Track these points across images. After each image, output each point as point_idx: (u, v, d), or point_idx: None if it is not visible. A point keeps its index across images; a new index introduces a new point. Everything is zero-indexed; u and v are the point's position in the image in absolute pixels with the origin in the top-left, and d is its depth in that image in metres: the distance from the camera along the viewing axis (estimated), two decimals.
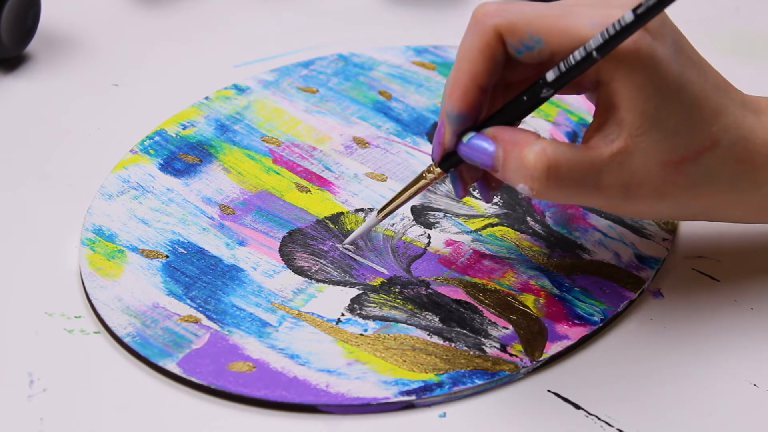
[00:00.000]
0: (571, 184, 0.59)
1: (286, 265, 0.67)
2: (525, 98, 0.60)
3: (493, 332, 0.64)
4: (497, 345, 0.63)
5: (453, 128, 0.61)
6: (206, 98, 0.78)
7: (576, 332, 0.63)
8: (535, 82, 0.59)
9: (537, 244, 0.68)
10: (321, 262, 0.67)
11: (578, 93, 0.62)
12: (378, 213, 0.66)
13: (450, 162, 0.62)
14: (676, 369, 0.62)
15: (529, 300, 0.65)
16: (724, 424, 0.60)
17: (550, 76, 0.59)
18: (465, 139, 0.61)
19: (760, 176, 0.61)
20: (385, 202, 0.68)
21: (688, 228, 0.70)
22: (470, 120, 0.60)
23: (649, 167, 0.59)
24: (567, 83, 0.59)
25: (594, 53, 0.57)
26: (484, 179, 0.64)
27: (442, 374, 0.61)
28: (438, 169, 0.63)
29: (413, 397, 0.61)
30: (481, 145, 0.60)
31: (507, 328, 0.64)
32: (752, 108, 0.61)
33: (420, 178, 0.64)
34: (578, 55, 0.57)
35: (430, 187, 0.72)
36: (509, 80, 0.62)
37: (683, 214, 0.63)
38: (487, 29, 0.59)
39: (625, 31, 0.56)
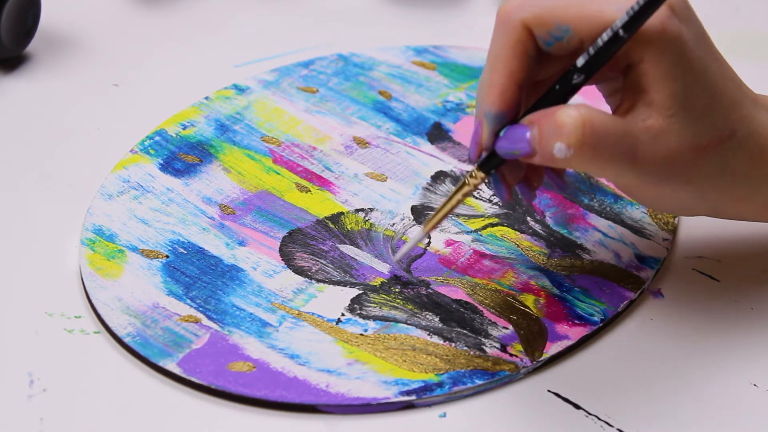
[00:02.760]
0: (608, 145, 0.58)
1: (286, 265, 0.67)
2: (557, 87, 0.59)
3: (493, 332, 0.64)
4: (497, 345, 0.63)
5: (491, 128, 0.60)
6: (206, 98, 0.78)
7: (576, 332, 0.63)
8: (566, 71, 0.59)
9: (537, 244, 0.68)
10: (321, 262, 0.67)
11: (609, 81, 0.62)
12: (424, 226, 0.63)
13: (491, 164, 0.61)
14: (676, 369, 0.62)
15: (529, 300, 0.65)
16: (724, 424, 0.60)
17: (580, 61, 0.58)
18: (501, 132, 0.60)
19: None
20: (384, 202, 0.67)
21: (688, 228, 0.70)
22: (508, 119, 0.60)
23: (680, 149, 0.59)
24: (598, 68, 0.58)
25: (621, 32, 0.57)
26: (525, 179, 0.63)
27: (442, 374, 0.61)
28: (480, 173, 0.61)
29: (413, 397, 0.61)
30: (517, 131, 0.59)
31: (507, 328, 0.64)
32: (762, 105, 0.62)
33: (463, 185, 0.62)
34: (605, 36, 0.57)
35: (429, 187, 0.72)
36: (540, 77, 0.62)
37: (697, 206, 0.62)
38: (515, 25, 0.59)
39: (649, 6, 0.57)
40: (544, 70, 0.62)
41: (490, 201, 0.71)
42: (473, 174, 0.62)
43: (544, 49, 0.60)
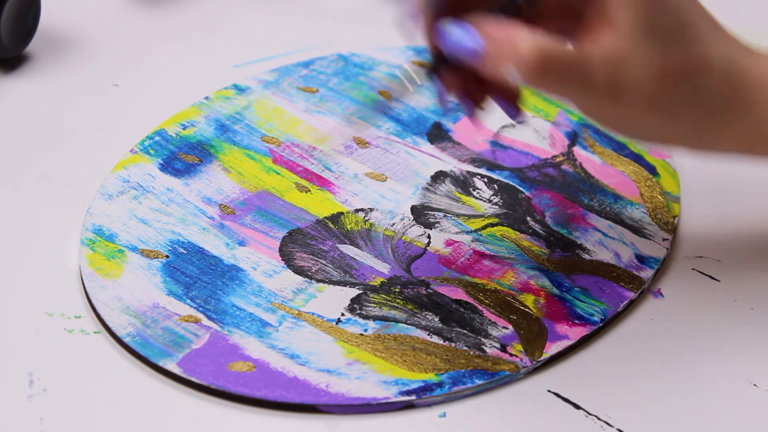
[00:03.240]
0: (562, 70, 0.59)
1: (286, 265, 0.67)
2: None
3: (493, 332, 0.64)
4: (497, 345, 0.63)
5: (429, 15, 0.61)
6: (206, 98, 0.78)
7: (576, 332, 0.63)
8: None
9: (537, 244, 0.68)
10: (321, 262, 0.67)
11: (562, 3, 0.62)
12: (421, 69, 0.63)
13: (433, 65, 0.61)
14: (676, 369, 0.62)
15: (529, 300, 0.65)
16: (724, 424, 0.60)
17: None
18: (449, 30, 0.60)
19: (753, 101, 0.61)
20: (384, 202, 0.68)
21: (688, 228, 0.70)
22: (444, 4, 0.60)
23: (642, 74, 0.59)
24: None
25: None
26: (469, 92, 0.63)
27: (442, 374, 0.61)
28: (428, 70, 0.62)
29: (413, 397, 0.61)
30: (468, 37, 0.60)
31: (507, 328, 0.64)
32: (742, 44, 0.62)
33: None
34: None
35: (429, 187, 0.72)
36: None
37: (672, 133, 0.62)
38: None
39: None
40: None
41: (490, 201, 0.71)
42: (425, 72, 0.62)
43: None
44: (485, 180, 0.72)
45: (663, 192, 0.71)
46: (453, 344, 0.63)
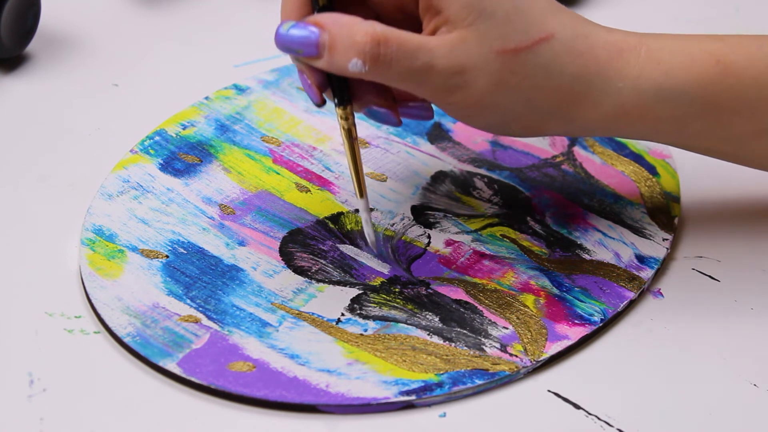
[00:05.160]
0: (403, 58, 0.60)
1: (286, 265, 0.67)
2: None
3: (493, 332, 0.64)
4: (497, 345, 0.63)
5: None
6: (206, 98, 0.78)
7: (576, 332, 0.63)
8: None
9: (537, 244, 0.68)
10: (321, 262, 0.67)
11: (401, 13, 0.64)
12: (357, 195, 0.65)
13: (342, 95, 0.63)
14: (676, 369, 0.62)
15: (529, 300, 0.65)
16: (724, 424, 0.60)
17: None
18: (284, 28, 0.61)
19: (607, 71, 0.62)
20: (384, 202, 0.68)
21: (688, 228, 0.70)
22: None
23: (483, 54, 0.61)
24: None
25: None
26: (384, 100, 0.65)
27: (442, 374, 0.61)
28: (342, 111, 0.63)
29: (413, 397, 0.61)
30: (304, 31, 0.61)
31: (507, 328, 0.64)
32: (591, 22, 0.64)
33: (346, 132, 0.64)
34: None
35: (429, 187, 0.72)
36: (383, 13, 0.64)
37: (531, 115, 0.63)
38: None
39: None
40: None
41: (490, 201, 0.71)
42: (340, 115, 0.63)
43: None
44: (485, 180, 0.72)
45: (663, 192, 0.71)
46: (453, 344, 0.63)
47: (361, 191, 0.65)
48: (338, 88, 0.63)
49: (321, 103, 0.63)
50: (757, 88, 0.63)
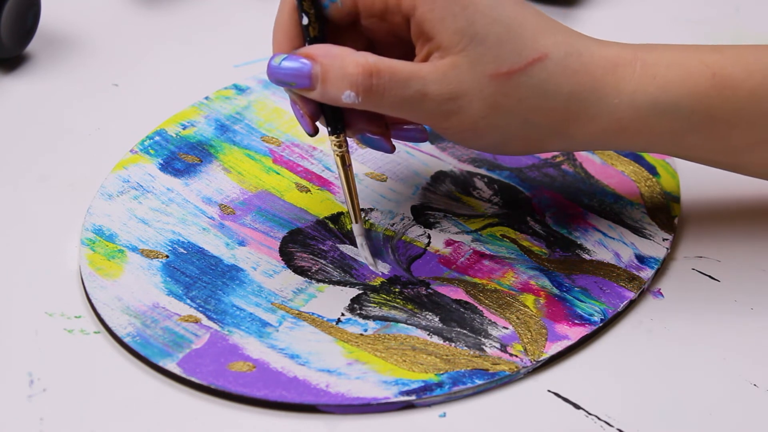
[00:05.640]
0: (395, 87, 0.60)
1: (286, 265, 0.67)
2: (306, 14, 0.62)
3: (493, 332, 0.64)
4: (497, 345, 0.63)
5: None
6: (206, 98, 0.78)
7: (576, 332, 0.63)
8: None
9: (537, 244, 0.68)
10: (321, 262, 0.67)
11: (394, 37, 0.63)
12: (354, 221, 0.66)
13: (335, 123, 0.64)
14: (676, 369, 0.62)
15: (529, 300, 0.65)
16: (724, 424, 0.60)
17: None
18: (276, 61, 0.62)
19: (603, 88, 0.62)
20: (384, 202, 0.68)
21: (688, 228, 0.70)
22: None
23: (477, 79, 0.61)
24: None
25: None
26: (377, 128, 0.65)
27: (442, 374, 0.61)
28: (335, 138, 0.64)
29: (413, 397, 0.61)
30: (295, 64, 0.61)
31: (507, 328, 0.64)
32: (585, 36, 0.63)
33: (339, 159, 0.64)
34: None
35: (429, 187, 0.72)
36: (376, 39, 0.64)
37: (529, 135, 0.63)
38: None
39: None
40: (374, 33, 0.64)
41: (490, 201, 0.71)
42: (333, 143, 0.64)
43: (324, 13, 0.63)
44: (485, 180, 0.72)
45: (663, 192, 0.71)
46: (453, 344, 0.63)
47: (356, 217, 0.66)
48: (331, 118, 0.64)
49: (314, 133, 0.64)
50: (754, 100, 0.63)
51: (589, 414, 0.60)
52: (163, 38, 0.85)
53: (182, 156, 0.74)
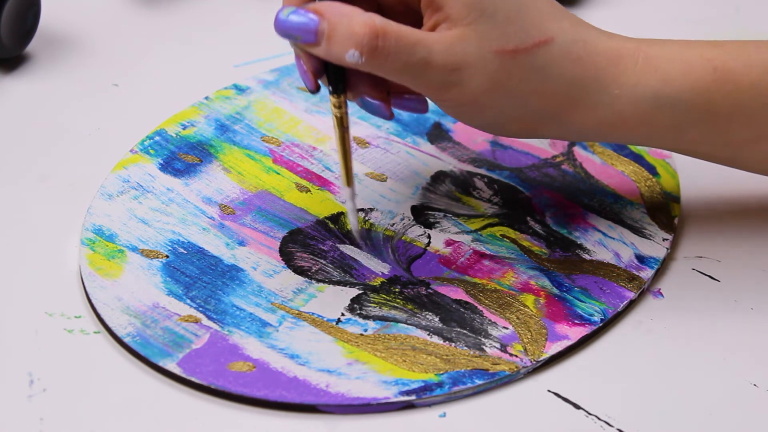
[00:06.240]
0: (400, 52, 0.60)
1: (286, 265, 0.67)
2: None
3: (493, 332, 0.64)
4: (497, 345, 0.63)
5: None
6: (206, 98, 0.78)
7: (576, 332, 0.63)
8: None
9: (537, 244, 0.68)
10: (321, 262, 0.67)
11: (403, 6, 0.64)
12: (344, 184, 0.65)
13: (337, 83, 0.63)
14: (676, 369, 0.62)
15: (529, 300, 0.65)
16: (724, 424, 0.60)
17: None
18: (284, 13, 0.61)
19: (605, 78, 0.63)
20: (384, 202, 0.68)
21: (688, 228, 0.70)
22: None
23: (481, 53, 0.61)
24: None
25: None
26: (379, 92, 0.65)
27: (442, 374, 0.61)
28: (335, 98, 0.63)
29: (413, 397, 0.61)
30: (302, 18, 0.61)
31: (507, 328, 0.64)
32: (592, 26, 0.64)
33: (337, 120, 0.64)
34: None
35: (429, 187, 0.72)
36: (385, 5, 0.64)
37: (525, 117, 0.63)
38: None
39: None
40: None
41: (490, 201, 0.71)
42: (333, 103, 0.63)
43: None
44: (485, 180, 0.72)
45: (663, 192, 0.71)
46: (453, 344, 0.63)
47: (349, 180, 0.65)
48: (334, 77, 0.63)
49: (315, 90, 0.63)
50: (754, 94, 0.63)
51: (589, 414, 0.60)
52: (163, 38, 0.85)
53: (182, 156, 0.74)
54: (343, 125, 0.64)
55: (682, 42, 0.64)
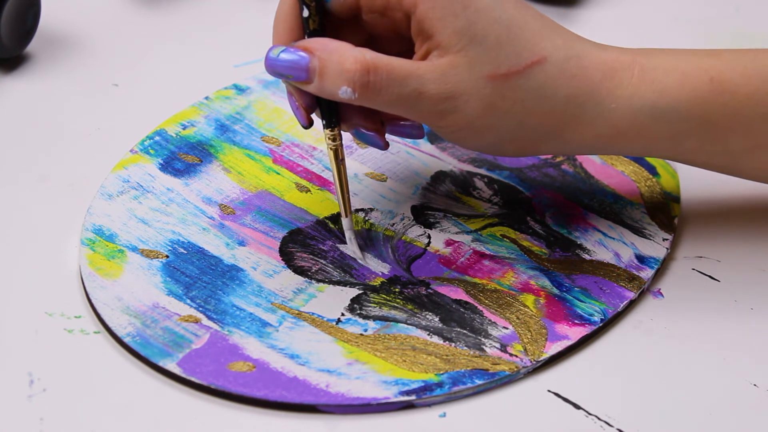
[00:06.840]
0: (392, 85, 0.60)
1: (286, 265, 0.67)
2: (307, 7, 0.62)
3: (493, 332, 0.64)
4: (497, 345, 0.63)
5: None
6: (206, 98, 0.78)
7: (576, 332, 0.63)
8: None
9: (537, 244, 0.68)
10: (321, 262, 0.67)
11: (394, 34, 0.63)
12: (344, 215, 0.66)
13: (330, 117, 0.64)
14: (676, 369, 0.62)
15: (529, 300, 0.65)
16: (724, 424, 0.60)
17: None
18: (275, 53, 0.62)
19: (601, 92, 0.62)
20: (384, 202, 0.68)
21: (688, 228, 0.70)
22: None
23: (474, 79, 0.61)
24: None
25: None
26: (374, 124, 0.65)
27: (442, 374, 0.61)
28: (330, 132, 0.64)
29: (413, 397, 0.61)
30: (292, 57, 0.61)
31: (507, 328, 0.64)
32: (586, 40, 0.63)
33: (333, 153, 0.64)
34: None
35: (429, 187, 0.72)
36: (376, 34, 0.64)
37: (523, 137, 0.63)
38: None
39: None
40: (375, 28, 0.64)
41: (490, 201, 0.71)
42: (327, 136, 0.64)
43: (326, 7, 0.63)
44: (485, 180, 0.72)
45: (663, 192, 0.71)
46: (453, 344, 0.63)
47: (347, 211, 0.65)
48: (327, 111, 0.64)
49: (308, 125, 0.64)
50: (751, 104, 0.63)
51: (589, 414, 0.60)
52: (163, 38, 0.85)
53: (182, 156, 0.74)
54: (338, 157, 0.65)
55: (678, 52, 0.64)
